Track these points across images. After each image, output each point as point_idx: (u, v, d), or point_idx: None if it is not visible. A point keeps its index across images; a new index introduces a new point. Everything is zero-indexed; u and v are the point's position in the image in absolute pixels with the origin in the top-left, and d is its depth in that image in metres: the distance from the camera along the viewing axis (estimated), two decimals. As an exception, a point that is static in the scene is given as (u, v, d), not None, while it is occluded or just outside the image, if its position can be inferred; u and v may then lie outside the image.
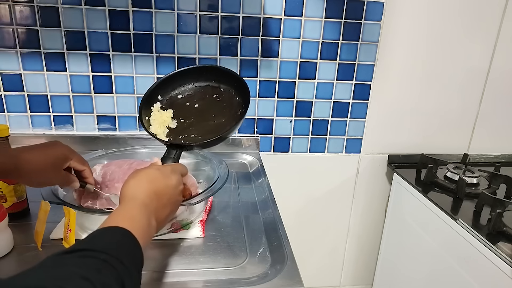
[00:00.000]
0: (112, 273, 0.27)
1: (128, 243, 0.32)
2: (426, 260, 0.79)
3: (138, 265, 0.32)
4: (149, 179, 0.40)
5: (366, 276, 1.09)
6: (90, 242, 0.30)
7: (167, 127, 0.56)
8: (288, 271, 0.47)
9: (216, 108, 0.56)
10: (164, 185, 0.41)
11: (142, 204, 0.37)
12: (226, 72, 0.58)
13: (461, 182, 0.76)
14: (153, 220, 0.38)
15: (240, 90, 0.56)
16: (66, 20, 0.74)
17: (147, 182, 0.40)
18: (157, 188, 0.40)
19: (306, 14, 0.81)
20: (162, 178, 0.41)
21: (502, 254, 0.59)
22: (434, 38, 0.87)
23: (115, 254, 0.29)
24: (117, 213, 0.36)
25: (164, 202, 0.41)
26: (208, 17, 0.78)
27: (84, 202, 0.58)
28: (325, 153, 0.93)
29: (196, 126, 0.55)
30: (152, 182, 0.40)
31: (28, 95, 0.79)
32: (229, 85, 0.58)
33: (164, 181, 0.41)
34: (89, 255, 0.28)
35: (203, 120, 0.56)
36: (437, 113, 0.94)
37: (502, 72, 0.92)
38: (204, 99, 0.57)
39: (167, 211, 0.41)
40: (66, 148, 0.49)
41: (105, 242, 0.31)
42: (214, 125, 0.54)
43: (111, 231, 0.32)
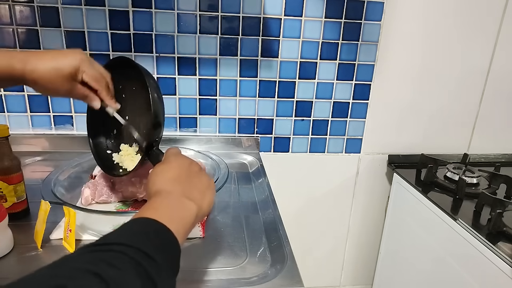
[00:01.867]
0: (127, 262, 0.24)
1: (150, 230, 0.29)
2: (426, 260, 0.79)
3: (167, 253, 0.28)
4: (159, 173, 0.38)
5: (366, 276, 1.09)
6: (105, 237, 0.28)
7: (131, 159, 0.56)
8: (288, 271, 0.47)
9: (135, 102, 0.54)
10: (179, 169, 0.39)
11: (165, 193, 0.35)
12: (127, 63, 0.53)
13: (461, 182, 0.76)
14: (187, 200, 0.35)
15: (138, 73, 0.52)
16: (66, 20, 0.74)
17: (158, 176, 0.38)
18: (172, 175, 0.38)
19: (306, 14, 0.81)
20: (169, 166, 0.39)
21: (502, 254, 0.59)
22: (434, 38, 0.87)
23: (132, 243, 0.26)
24: (141, 209, 0.33)
25: (189, 181, 0.38)
26: (208, 17, 0.78)
27: (98, 197, 0.58)
28: (325, 153, 0.93)
29: (137, 126, 0.54)
30: (162, 173, 0.38)
31: (28, 95, 0.78)
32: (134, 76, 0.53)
33: (176, 165, 0.39)
34: (102, 249, 0.25)
35: (137, 118, 0.54)
36: (437, 113, 0.94)
37: (502, 72, 0.92)
38: (131, 95, 0.56)
39: (198, 186, 0.38)
40: (80, 57, 0.44)
41: (121, 234, 0.28)
42: (143, 106, 0.51)
43: (130, 222, 0.29)
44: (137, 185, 0.60)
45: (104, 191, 0.59)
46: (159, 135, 0.51)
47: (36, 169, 0.74)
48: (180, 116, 0.85)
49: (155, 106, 0.48)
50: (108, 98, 0.49)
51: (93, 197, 0.59)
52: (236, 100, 0.86)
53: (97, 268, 0.23)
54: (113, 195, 0.60)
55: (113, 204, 0.61)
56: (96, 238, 0.55)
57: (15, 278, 0.22)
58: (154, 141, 0.51)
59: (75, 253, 0.26)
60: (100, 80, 0.47)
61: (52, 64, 0.42)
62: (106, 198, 0.60)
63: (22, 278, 0.22)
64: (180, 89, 0.83)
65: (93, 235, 0.54)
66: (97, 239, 0.27)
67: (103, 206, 0.60)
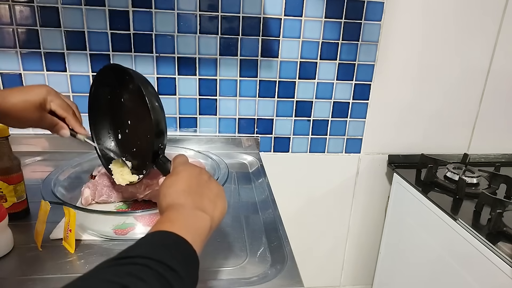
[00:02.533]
0: (151, 275, 0.25)
1: (170, 243, 0.29)
2: (426, 260, 0.79)
3: (188, 265, 0.29)
4: (170, 186, 0.38)
5: (366, 276, 1.09)
6: (126, 251, 0.28)
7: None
8: (288, 271, 0.47)
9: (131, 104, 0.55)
10: (188, 179, 0.38)
11: (177, 206, 0.35)
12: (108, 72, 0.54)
13: (461, 182, 0.76)
14: (200, 212, 0.35)
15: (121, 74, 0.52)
16: (66, 20, 0.74)
17: (170, 188, 0.37)
18: (183, 186, 0.37)
19: (306, 14, 0.81)
20: (179, 177, 0.39)
21: (502, 254, 0.59)
22: (434, 38, 0.87)
23: (155, 257, 0.26)
24: (156, 223, 0.33)
25: (200, 191, 0.38)
26: (208, 17, 0.78)
27: (98, 197, 0.58)
28: (325, 153, 0.93)
29: (140, 138, 0.54)
30: (173, 186, 0.38)
31: (28, 95, 0.78)
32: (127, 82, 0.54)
33: (186, 176, 0.39)
34: (125, 263, 0.26)
35: (138, 129, 0.55)
36: (437, 113, 0.94)
37: (502, 72, 0.92)
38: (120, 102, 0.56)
39: (209, 196, 0.38)
40: (47, 89, 0.47)
41: (143, 247, 0.28)
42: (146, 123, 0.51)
43: (149, 236, 0.30)
44: (137, 185, 0.60)
45: (104, 191, 0.59)
46: (163, 143, 0.51)
47: (36, 169, 0.74)
48: (180, 116, 0.85)
49: (155, 115, 0.48)
50: (77, 126, 0.51)
51: (93, 197, 0.59)
52: (236, 100, 0.86)
53: (126, 281, 0.24)
54: (113, 195, 0.60)
55: (113, 204, 0.61)
56: (96, 238, 0.55)
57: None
58: (159, 148, 0.50)
59: (102, 266, 0.26)
60: (67, 108, 0.49)
61: (22, 96, 0.45)
62: (106, 198, 0.60)
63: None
64: (180, 89, 0.83)
65: (93, 235, 0.54)
66: (119, 252, 0.28)
67: (103, 206, 0.60)
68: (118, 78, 0.54)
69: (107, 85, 0.56)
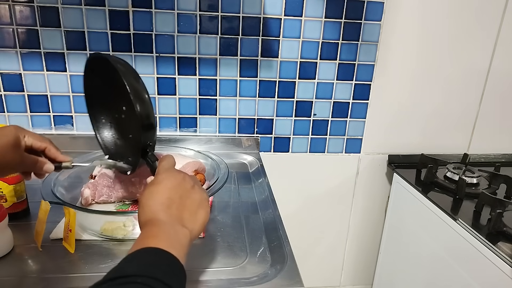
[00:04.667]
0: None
1: (160, 260, 0.30)
2: (426, 260, 0.79)
3: (179, 280, 0.30)
4: (149, 197, 0.37)
5: (366, 276, 1.09)
6: (120, 270, 0.28)
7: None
8: (288, 271, 0.47)
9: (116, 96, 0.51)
10: (171, 189, 0.37)
11: (157, 221, 0.34)
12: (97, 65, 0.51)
13: (461, 182, 0.76)
14: (180, 227, 0.35)
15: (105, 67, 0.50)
16: (66, 20, 0.74)
17: (149, 200, 0.36)
18: (163, 199, 0.36)
19: (306, 14, 0.81)
20: (160, 187, 0.37)
21: (502, 254, 0.59)
22: (434, 38, 0.87)
23: (150, 274, 0.27)
24: (139, 238, 0.33)
25: (181, 204, 0.37)
26: (208, 17, 0.78)
27: (98, 197, 0.59)
28: (325, 153, 0.93)
29: (126, 130, 0.53)
30: (152, 197, 0.36)
31: (28, 95, 0.79)
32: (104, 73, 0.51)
33: (168, 185, 0.37)
34: (125, 282, 0.26)
35: (120, 119, 0.53)
36: (437, 113, 0.94)
37: (502, 72, 0.92)
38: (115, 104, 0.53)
39: (191, 208, 0.37)
40: (15, 126, 0.44)
41: (137, 265, 0.29)
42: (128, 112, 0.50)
43: (139, 253, 0.30)
44: (137, 185, 0.60)
45: (104, 191, 0.59)
46: (152, 139, 0.49)
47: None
48: (180, 116, 0.85)
49: (142, 107, 0.46)
50: (59, 154, 0.48)
51: (93, 197, 0.59)
52: (236, 100, 0.86)
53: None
54: (113, 195, 0.60)
55: (113, 204, 0.61)
56: (96, 238, 0.55)
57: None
58: (148, 145, 0.48)
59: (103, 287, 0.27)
60: (43, 139, 0.46)
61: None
62: (106, 198, 0.60)
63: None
64: (180, 89, 0.83)
65: (93, 235, 0.54)
66: (111, 271, 0.28)
67: (103, 206, 0.60)
68: (105, 68, 0.51)
69: (98, 74, 0.53)
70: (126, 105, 0.51)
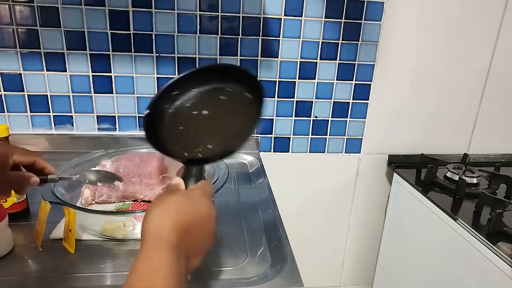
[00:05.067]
0: None
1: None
2: (426, 260, 0.79)
3: None
4: (176, 210, 0.33)
5: (366, 276, 1.09)
6: None
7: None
8: (288, 271, 0.47)
9: (227, 111, 0.50)
10: (194, 216, 0.33)
11: (171, 245, 0.30)
12: (227, 68, 0.52)
13: (461, 182, 0.76)
14: (184, 262, 0.31)
15: (247, 83, 0.49)
16: (66, 20, 0.74)
17: (174, 214, 0.32)
18: (186, 221, 0.32)
19: (306, 14, 0.81)
20: (191, 207, 0.34)
21: (502, 254, 0.59)
22: (434, 38, 0.87)
23: None
24: (142, 263, 0.29)
25: (196, 237, 0.33)
26: (208, 17, 0.78)
27: (98, 197, 0.59)
28: (325, 153, 0.93)
29: (211, 135, 0.48)
30: (179, 213, 0.32)
31: (28, 95, 0.79)
32: (234, 81, 0.51)
33: (194, 210, 0.34)
34: None
35: (217, 127, 0.48)
36: (437, 113, 0.94)
37: (502, 72, 0.92)
38: (212, 103, 0.50)
39: (200, 248, 0.34)
40: (2, 144, 0.43)
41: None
42: (230, 129, 0.48)
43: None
44: (137, 185, 0.60)
45: (104, 191, 0.59)
46: (220, 158, 0.45)
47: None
48: (180, 116, 0.85)
49: (250, 133, 0.43)
50: (48, 164, 0.45)
51: (93, 197, 0.59)
52: (236, 100, 0.86)
53: None
54: (113, 195, 0.60)
55: (113, 204, 0.61)
56: (96, 238, 0.55)
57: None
58: (207, 158, 0.44)
59: None
60: (31, 153, 0.44)
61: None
62: (106, 198, 0.60)
63: None
64: (180, 89, 0.83)
65: (93, 235, 0.54)
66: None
67: (103, 206, 0.60)
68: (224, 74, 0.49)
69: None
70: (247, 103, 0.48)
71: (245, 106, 0.49)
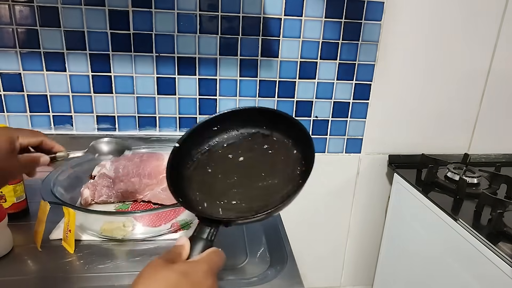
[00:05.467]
0: None
1: None
2: (427, 260, 0.79)
3: None
4: (179, 283, 0.27)
5: (366, 277, 1.09)
6: None
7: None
8: (288, 271, 0.47)
9: (266, 164, 0.42)
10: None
11: None
12: (282, 116, 0.43)
13: (461, 182, 0.76)
14: None
15: (299, 141, 0.42)
16: (66, 20, 0.74)
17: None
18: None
19: (306, 13, 0.80)
20: (187, 286, 0.27)
21: (503, 254, 0.58)
22: (435, 38, 0.87)
23: None
24: None
25: None
26: (208, 17, 0.78)
27: (98, 197, 0.58)
28: (325, 153, 0.93)
29: (239, 188, 0.40)
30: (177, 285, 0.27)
31: (28, 95, 0.78)
32: (285, 133, 0.43)
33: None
34: None
35: (249, 180, 0.41)
36: (438, 113, 0.94)
37: (503, 72, 0.92)
38: (251, 150, 0.43)
39: None
40: (6, 130, 0.40)
41: None
42: (264, 188, 0.40)
43: None
44: (136, 186, 0.60)
45: (103, 192, 0.59)
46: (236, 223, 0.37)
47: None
48: (179, 116, 0.85)
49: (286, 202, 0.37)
50: (55, 143, 0.43)
51: (92, 197, 0.59)
52: (236, 100, 0.86)
53: None
54: (112, 195, 0.60)
55: (113, 205, 0.61)
56: (96, 238, 0.55)
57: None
58: (229, 221, 0.37)
59: None
60: (37, 133, 0.42)
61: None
62: (105, 199, 0.60)
63: None
64: (180, 89, 0.83)
65: (92, 235, 0.54)
66: None
67: (102, 206, 0.60)
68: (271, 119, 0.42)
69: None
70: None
71: (288, 165, 0.41)
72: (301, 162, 0.41)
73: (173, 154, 0.41)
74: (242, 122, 0.44)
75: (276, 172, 0.41)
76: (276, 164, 0.42)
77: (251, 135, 0.44)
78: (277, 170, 0.41)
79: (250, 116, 0.45)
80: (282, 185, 0.40)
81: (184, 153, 0.42)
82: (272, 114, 0.45)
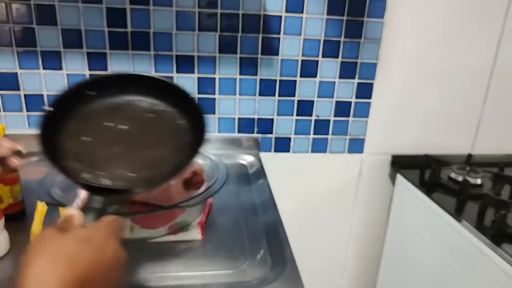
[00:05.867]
0: None
1: None
2: (430, 262, 0.78)
3: None
4: (69, 257, 0.25)
5: (368, 279, 1.08)
6: None
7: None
8: (288, 274, 0.47)
9: (152, 133, 0.41)
10: (96, 265, 0.26)
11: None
12: (168, 84, 0.42)
13: (465, 183, 0.75)
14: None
15: (189, 111, 0.41)
16: (63, 18, 0.73)
17: (66, 263, 0.24)
18: (84, 272, 0.24)
19: (307, 11, 0.79)
20: (91, 251, 0.26)
21: (507, 256, 0.58)
22: (437, 36, 0.86)
23: None
24: None
25: (104, 283, 0.26)
26: (207, 14, 0.77)
27: None
28: (327, 153, 0.92)
29: (125, 157, 0.39)
30: (74, 261, 0.24)
31: (25, 94, 0.78)
32: (173, 103, 0.42)
33: (96, 256, 0.26)
34: None
35: (134, 149, 0.39)
36: (441, 113, 0.93)
37: (506, 71, 0.91)
38: (135, 119, 0.41)
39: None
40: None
41: None
42: (151, 157, 0.39)
43: None
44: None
45: (101, 192, 0.58)
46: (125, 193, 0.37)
47: (33, 170, 0.73)
48: (179, 115, 0.84)
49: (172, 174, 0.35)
50: (13, 142, 0.40)
51: (90, 198, 0.58)
52: (236, 99, 0.85)
53: None
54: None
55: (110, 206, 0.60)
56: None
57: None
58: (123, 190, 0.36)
59: None
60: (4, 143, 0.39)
61: None
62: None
63: None
64: (179, 88, 0.82)
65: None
66: None
67: (100, 207, 0.59)
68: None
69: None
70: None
71: (175, 135, 0.40)
72: (191, 133, 0.40)
73: (43, 119, 0.39)
74: (127, 89, 0.42)
75: (163, 141, 0.40)
76: (164, 133, 0.41)
77: (134, 103, 0.42)
78: (164, 139, 0.40)
79: (134, 83, 0.43)
80: (170, 154, 0.39)
81: (56, 120, 0.40)
82: (159, 82, 0.43)
